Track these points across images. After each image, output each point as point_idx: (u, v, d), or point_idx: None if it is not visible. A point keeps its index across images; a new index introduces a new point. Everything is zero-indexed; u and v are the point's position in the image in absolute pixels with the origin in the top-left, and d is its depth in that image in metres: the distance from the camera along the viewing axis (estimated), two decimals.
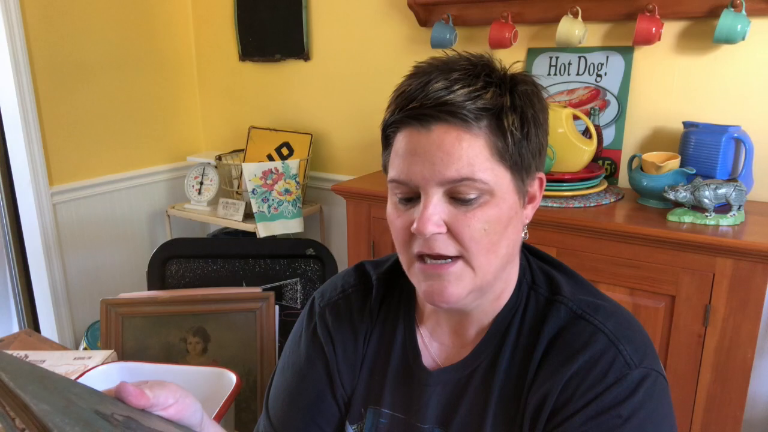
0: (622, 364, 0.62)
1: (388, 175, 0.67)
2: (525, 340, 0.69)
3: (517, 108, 0.63)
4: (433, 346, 0.75)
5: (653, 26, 1.61)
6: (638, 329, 0.67)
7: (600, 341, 0.64)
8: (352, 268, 0.83)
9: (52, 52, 2.17)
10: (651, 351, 0.66)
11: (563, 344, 0.65)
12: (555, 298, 0.69)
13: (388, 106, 0.66)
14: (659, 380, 0.63)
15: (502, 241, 0.64)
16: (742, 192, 1.41)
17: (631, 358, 0.63)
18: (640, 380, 0.61)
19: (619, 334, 0.64)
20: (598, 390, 0.61)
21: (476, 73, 0.62)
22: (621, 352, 0.63)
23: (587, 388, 0.62)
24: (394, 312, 0.77)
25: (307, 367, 0.77)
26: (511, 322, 0.70)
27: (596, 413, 0.61)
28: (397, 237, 0.67)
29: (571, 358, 0.64)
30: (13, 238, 2.34)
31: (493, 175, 0.62)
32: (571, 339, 0.65)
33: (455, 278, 0.64)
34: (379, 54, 2.21)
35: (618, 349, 0.63)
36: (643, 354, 0.64)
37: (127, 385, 0.54)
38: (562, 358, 0.64)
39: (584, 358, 0.63)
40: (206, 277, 1.33)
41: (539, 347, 0.67)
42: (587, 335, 0.65)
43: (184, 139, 2.74)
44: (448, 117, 0.61)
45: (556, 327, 0.67)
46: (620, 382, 0.61)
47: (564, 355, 0.64)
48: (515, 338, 0.69)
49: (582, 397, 0.62)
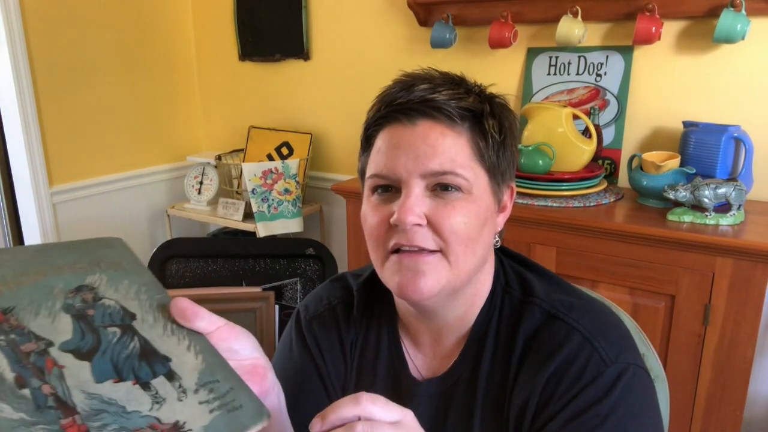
0: (598, 362, 0.62)
1: (368, 172, 0.67)
2: (502, 344, 0.68)
3: (495, 115, 0.66)
4: (417, 357, 0.74)
5: (653, 26, 1.61)
6: (614, 324, 0.67)
7: (575, 340, 0.63)
8: (334, 281, 0.82)
9: (52, 52, 2.17)
10: (628, 344, 0.65)
11: (539, 345, 0.65)
12: (528, 300, 0.69)
13: (371, 108, 0.68)
14: (638, 373, 0.63)
15: (479, 240, 0.65)
16: (742, 191, 1.41)
17: (606, 355, 0.62)
18: (617, 376, 0.61)
19: (594, 330, 0.64)
20: (575, 390, 0.61)
21: (456, 83, 0.67)
22: (596, 349, 0.63)
23: (565, 389, 0.61)
24: (377, 322, 0.77)
25: (303, 379, 0.76)
26: (487, 328, 0.70)
27: (575, 414, 0.60)
28: (371, 234, 0.66)
29: (548, 358, 0.63)
30: (13, 238, 2.34)
31: (473, 174, 0.64)
32: (546, 339, 0.65)
33: (430, 269, 0.63)
34: (379, 54, 2.21)
35: (593, 346, 0.63)
36: (619, 349, 0.63)
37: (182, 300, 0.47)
38: (540, 359, 0.64)
39: (560, 357, 0.63)
40: (206, 277, 1.33)
41: (516, 350, 0.66)
42: (562, 335, 0.64)
43: (184, 139, 2.74)
44: (434, 113, 0.63)
45: (531, 328, 0.67)
46: (597, 380, 0.61)
47: (541, 357, 0.64)
48: (493, 344, 0.69)
49: (560, 399, 0.61)
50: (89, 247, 0.50)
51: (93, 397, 0.40)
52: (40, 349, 0.41)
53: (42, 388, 0.40)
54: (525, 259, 0.76)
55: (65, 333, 0.43)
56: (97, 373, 0.42)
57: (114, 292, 0.47)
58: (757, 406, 1.71)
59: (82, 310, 0.45)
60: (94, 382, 0.41)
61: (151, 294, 0.48)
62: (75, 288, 0.46)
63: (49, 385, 0.40)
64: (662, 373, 0.87)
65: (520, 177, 1.62)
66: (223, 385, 0.44)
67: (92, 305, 0.45)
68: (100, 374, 0.42)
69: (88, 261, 0.48)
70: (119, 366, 0.43)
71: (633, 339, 0.67)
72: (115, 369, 0.42)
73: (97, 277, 0.47)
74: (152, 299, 0.48)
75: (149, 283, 0.49)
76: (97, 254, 0.49)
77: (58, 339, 0.42)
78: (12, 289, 0.43)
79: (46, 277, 0.45)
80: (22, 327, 0.42)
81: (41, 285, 0.45)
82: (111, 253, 0.50)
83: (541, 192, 1.61)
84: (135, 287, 0.48)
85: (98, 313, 0.45)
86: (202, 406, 0.42)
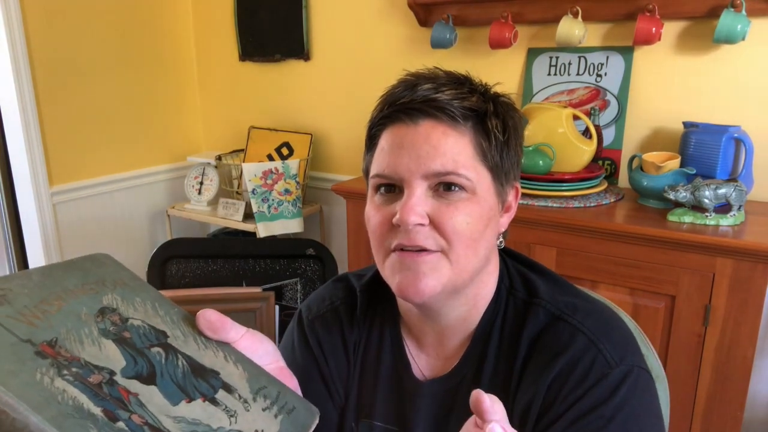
0: (602, 364, 0.62)
1: (371, 171, 0.67)
2: (506, 345, 0.68)
3: (499, 114, 0.66)
4: (421, 358, 0.74)
5: (653, 26, 1.61)
6: (618, 325, 0.67)
7: (579, 341, 0.63)
8: (336, 281, 0.82)
9: (52, 52, 2.17)
10: (632, 346, 0.65)
11: (543, 347, 0.65)
12: (533, 301, 0.69)
13: (375, 108, 0.68)
14: (642, 375, 0.63)
15: (481, 240, 0.64)
16: (742, 192, 1.41)
17: (611, 357, 0.62)
18: (622, 378, 0.61)
19: (598, 332, 0.64)
20: (579, 392, 0.61)
21: (460, 82, 0.66)
22: (601, 351, 0.63)
23: (569, 390, 0.61)
24: (380, 323, 0.77)
25: (306, 379, 0.76)
26: (492, 329, 0.69)
27: (579, 416, 0.60)
28: (374, 233, 0.66)
29: (552, 360, 0.63)
30: (13, 238, 2.34)
31: (476, 174, 0.63)
32: (551, 341, 0.65)
33: (431, 269, 0.62)
34: (379, 54, 2.21)
35: (598, 348, 0.63)
36: (623, 351, 0.63)
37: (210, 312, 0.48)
38: (544, 361, 0.64)
39: (565, 359, 0.63)
40: (206, 277, 1.33)
41: (520, 352, 0.66)
42: (567, 336, 0.64)
43: (184, 139, 2.74)
44: (436, 113, 0.62)
45: (535, 330, 0.67)
46: (601, 382, 0.61)
47: (545, 358, 0.64)
48: (497, 345, 0.69)
49: (564, 400, 0.61)
50: (85, 265, 0.47)
51: (179, 420, 0.40)
52: (106, 379, 0.39)
53: (132, 419, 0.38)
54: (528, 260, 0.76)
55: (118, 359, 0.41)
56: (168, 396, 0.41)
57: (134, 311, 0.46)
58: (757, 406, 1.71)
59: (119, 333, 0.43)
60: (171, 406, 0.40)
61: (165, 309, 0.47)
62: (98, 311, 0.44)
63: (137, 415, 0.38)
64: (662, 373, 0.87)
65: (521, 177, 1.62)
66: (272, 390, 0.44)
67: (124, 327, 0.44)
68: (171, 397, 0.41)
69: (94, 281, 0.46)
70: (182, 386, 0.42)
71: (636, 341, 0.67)
72: (180, 389, 0.41)
73: (110, 297, 0.46)
74: (169, 314, 0.47)
75: (157, 298, 0.48)
76: (97, 273, 0.47)
77: (116, 367, 0.41)
78: (41, 319, 0.40)
79: (66, 303, 0.43)
80: (77, 359, 0.39)
81: (67, 312, 0.42)
82: (108, 271, 0.48)
83: (541, 192, 1.60)
84: (149, 304, 0.47)
85: (134, 335, 0.44)
86: (266, 412, 0.43)
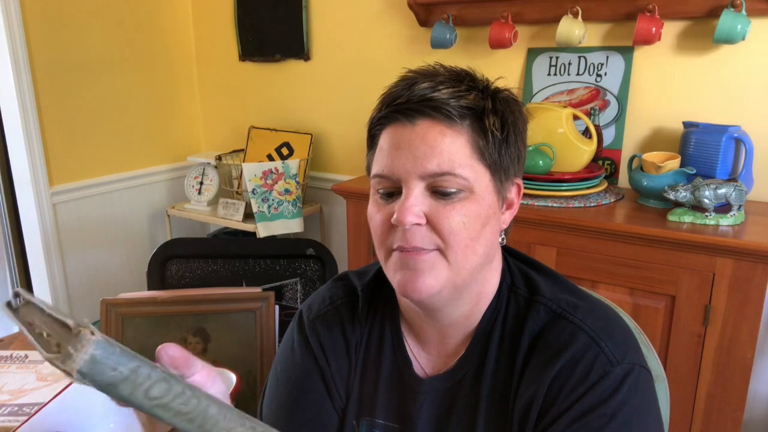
0: (604, 362, 0.62)
1: (371, 171, 0.68)
2: (508, 343, 0.68)
3: (498, 111, 0.65)
4: (422, 356, 0.74)
5: (653, 26, 1.61)
6: (619, 324, 0.67)
7: (581, 339, 0.64)
8: (337, 281, 0.82)
9: (52, 52, 2.17)
10: (633, 345, 0.65)
11: (545, 345, 0.65)
12: (534, 299, 0.69)
13: (375, 108, 0.68)
14: (642, 374, 0.63)
15: (480, 239, 0.64)
16: (742, 192, 1.41)
17: (613, 355, 0.62)
18: (624, 376, 0.61)
19: (599, 331, 0.64)
20: (581, 390, 0.61)
21: (460, 79, 0.66)
22: (603, 350, 0.63)
23: (571, 388, 0.62)
24: (380, 321, 0.77)
25: (305, 380, 0.76)
26: (493, 327, 0.70)
27: (581, 414, 0.60)
28: (375, 231, 0.67)
29: (554, 358, 0.63)
30: (13, 238, 2.34)
31: (473, 172, 0.63)
32: (552, 339, 0.65)
33: (429, 267, 0.63)
34: (379, 54, 2.21)
35: (600, 346, 0.63)
36: (625, 349, 0.64)
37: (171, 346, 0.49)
38: (545, 359, 0.64)
39: (566, 357, 0.63)
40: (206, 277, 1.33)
41: (521, 349, 0.66)
42: (568, 334, 0.64)
43: (184, 139, 2.74)
44: (433, 112, 0.63)
45: (536, 328, 0.67)
46: (603, 380, 0.61)
47: (546, 356, 0.64)
48: (498, 343, 0.69)
49: (566, 398, 0.61)
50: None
51: None
52: None
53: None
54: (529, 258, 0.76)
55: None
56: None
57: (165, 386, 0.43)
58: (757, 406, 1.71)
59: None
60: None
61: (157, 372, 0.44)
62: None
63: None
64: (662, 373, 0.87)
65: None
66: (249, 422, 0.44)
67: None
68: None
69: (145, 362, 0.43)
70: None
71: (636, 340, 0.67)
72: None
73: None
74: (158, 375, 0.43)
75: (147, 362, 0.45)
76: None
77: None
78: None
79: None
80: None
81: None
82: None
83: (541, 192, 1.60)
84: None
85: None
86: None
